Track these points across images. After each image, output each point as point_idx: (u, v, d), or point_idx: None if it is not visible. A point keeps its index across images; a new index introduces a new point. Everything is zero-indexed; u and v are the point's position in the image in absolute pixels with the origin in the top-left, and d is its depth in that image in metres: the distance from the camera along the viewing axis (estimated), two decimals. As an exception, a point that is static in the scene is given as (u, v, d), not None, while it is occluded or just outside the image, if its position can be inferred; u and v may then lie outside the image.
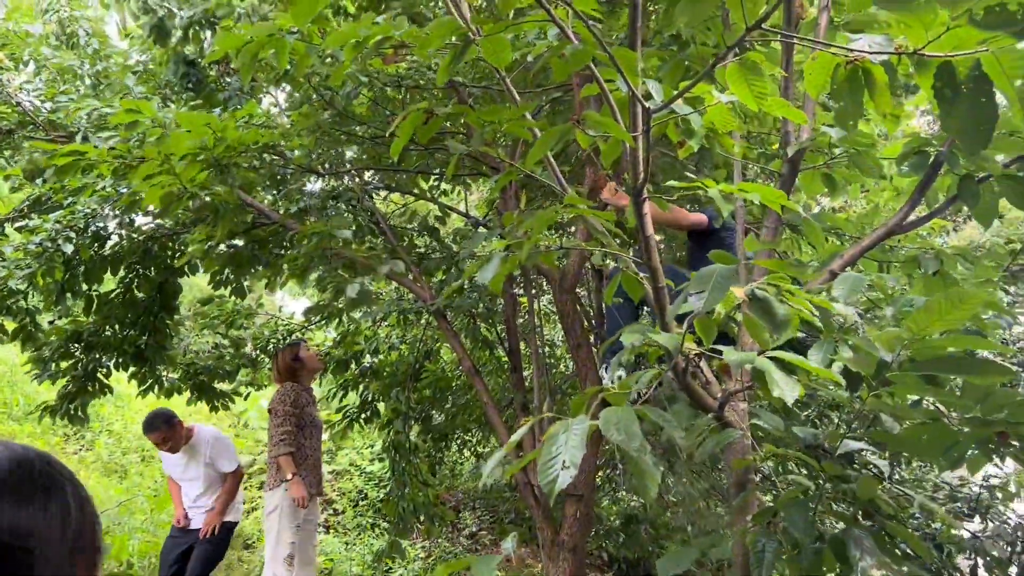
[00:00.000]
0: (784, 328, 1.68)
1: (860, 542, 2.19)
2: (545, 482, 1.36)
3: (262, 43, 2.93)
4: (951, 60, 1.29)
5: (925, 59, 1.31)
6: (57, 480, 0.78)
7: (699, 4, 1.56)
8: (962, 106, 1.33)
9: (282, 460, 4.47)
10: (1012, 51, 1.24)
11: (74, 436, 9.61)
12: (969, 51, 1.26)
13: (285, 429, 4.48)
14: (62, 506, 0.76)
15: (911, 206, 2.67)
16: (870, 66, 1.41)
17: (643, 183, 2.13)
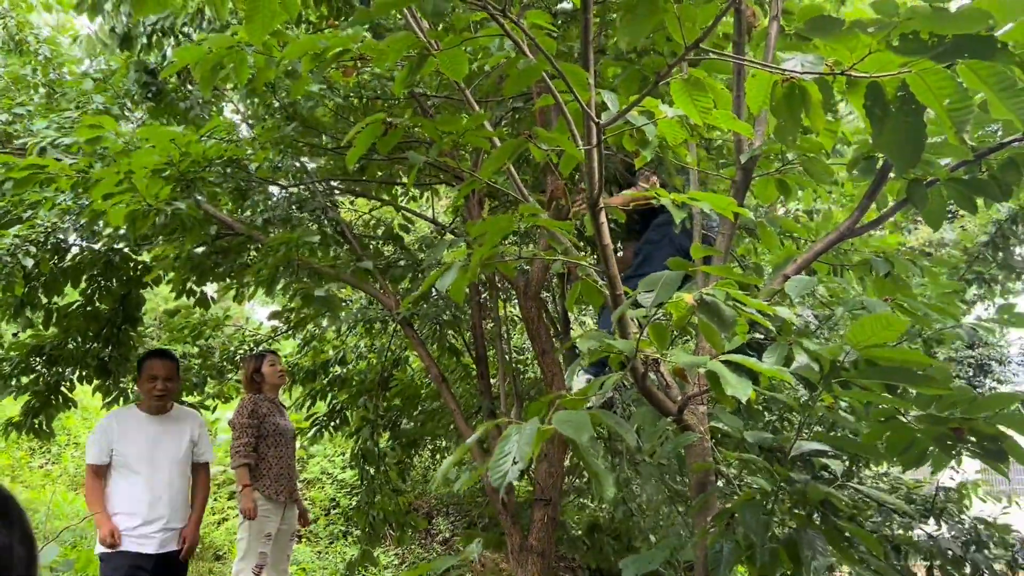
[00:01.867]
0: (731, 329, 1.73)
1: (812, 542, 2.25)
2: (495, 477, 1.40)
3: (221, 55, 2.93)
4: (878, 81, 1.34)
5: (854, 79, 1.37)
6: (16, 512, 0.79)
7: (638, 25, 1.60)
8: (891, 124, 1.38)
9: (237, 471, 4.47)
10: (937, 72, 1.30)
11: (40, 450, 9.47)
12: (893, 72, 1.31)
13: (243, 441, 4.45)
14: (7, 536, 0.78)
15: (861, 211, 2.75)
16: (805, 84, 1.47)
17: (598, 194, 2.17)
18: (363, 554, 5.78)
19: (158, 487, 4.00)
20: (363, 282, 4.13)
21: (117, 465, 3.99)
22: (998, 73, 1.27)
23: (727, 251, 2.77)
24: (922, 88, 1.35)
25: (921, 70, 1.30)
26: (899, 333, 2.06)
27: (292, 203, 3.97)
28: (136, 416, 4.11)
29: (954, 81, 1.33)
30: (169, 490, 4.03)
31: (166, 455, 4.06)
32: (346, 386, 5.97)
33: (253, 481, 4.46)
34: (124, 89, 4.57)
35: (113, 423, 4.06)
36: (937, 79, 1.32)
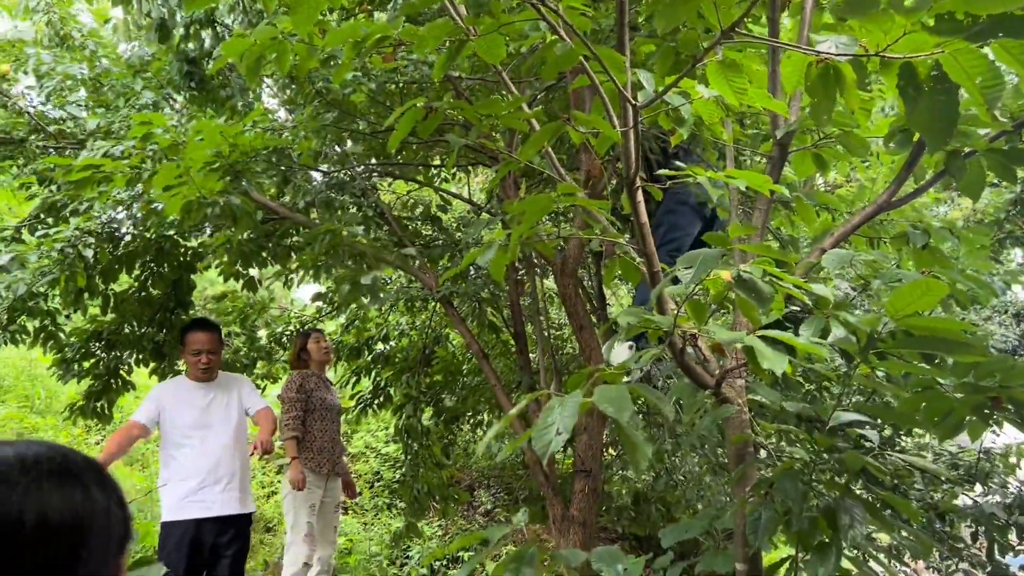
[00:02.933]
0: (768, 305, 1.78)
1: (850, 510, 2.30)
2: (539, 446, 1.48)
3: (264, 47, 3.02)
4: (911, 61, 1.37)
5: (887, 60, 1.40)
6: (96, 475, 0.88)
7: (675, 9, 1.64)
8: (924, 104, 1.41)
9: (285, 444, 4.62)
10: (971, 52, 1.32)
11: (95, 428, 9.81)
12: (927, 53, 1.34)
13: (291, 415, 4.62)
14: (105, 497, 0.87)
15: (898, 183, 2.75)
16: (839, 65, 1.50)
17: (635, 173, 2.22)
18: (408, 526, 5.95)
19: (215, 451, 4.14)
20: (405, 263, 4.23)
21: (171, 435, 4.13)
22: (1031, 51, 1.30)
23: (764, 226, 2.80)
24: (955, 67, 1.37)
25: (954, 50, 1.33)
26: (938, 299, 2.08)
27: (332, 187, 4.06)
28: (186, 386, 4.27)
29: (987, 60, 1.35)
30: (226, 453, 4.17)
31: (219, 421, 4.22)
32: (389, 363, 6.11)
33: (299, 454, 4.61)
34: (167, 78, 4.70)
35: (165, 393, 4.22)
36: (970, 58, 1.35)
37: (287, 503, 4.65)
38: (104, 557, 0.84)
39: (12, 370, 9.61)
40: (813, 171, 2.93)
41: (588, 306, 4.43)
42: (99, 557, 0.83)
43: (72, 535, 0.80)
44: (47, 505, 0.79)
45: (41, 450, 0.84)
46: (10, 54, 5.04)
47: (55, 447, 0.87)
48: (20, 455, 0.82)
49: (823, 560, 2.34)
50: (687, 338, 2.38)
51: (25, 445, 0.85)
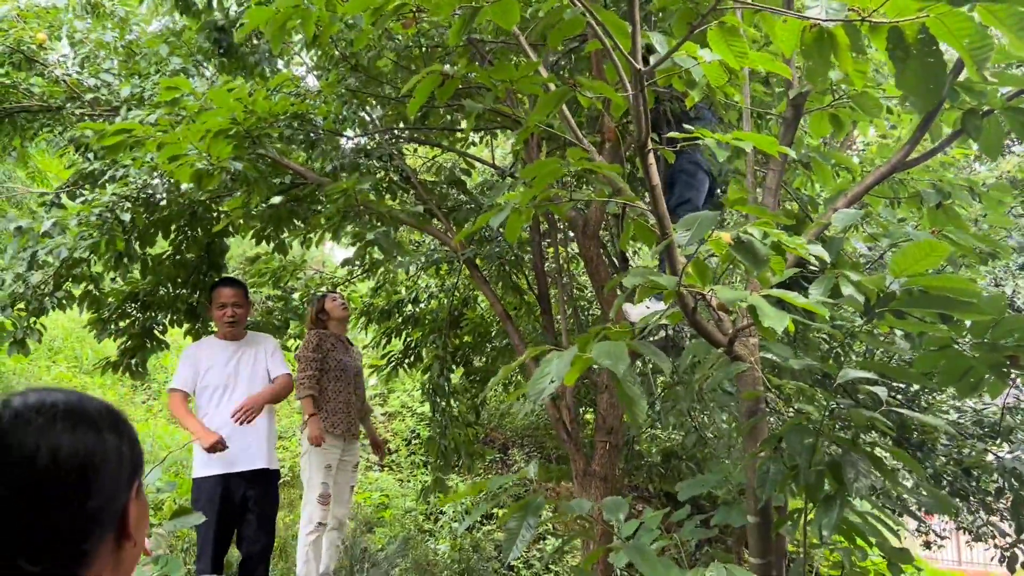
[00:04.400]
0: (765, 267, 1.84)
1: (855, 464, 2.37)
2: (533, 393, 1.58)
3: (288, 14, 3.10)
4: (899, 25, 1.40)
5: (876, 24, 1.42)
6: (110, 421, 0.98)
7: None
8: (912, 66, 1.44)
9: (302, 402, 4.70)
10: (956, 14, 1.35)
11: (141, 387, 10.19)
12: (912, 17, 1.36)
13: (307, 374, 4.68)
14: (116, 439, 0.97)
15: (913, 143, 2.75)
16: (833, 28, 1.53)
17: (646, 136, 2.27)
18: (435, 481, 6.13)
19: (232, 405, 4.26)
20: (427, 224, 4.30)
21: (202, 391, 4.28)
22: (1015, 13, 1.32)
23: (777, 186, 2.83)
24: (942, 30, 1.40)
25: (939, 13, 1.35)
26: (941, 259, 2.11)
27: (359, 152, 4.15)
28: (216, 344, 4.42)
29: (972, 22, 1.37)
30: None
31: (246, 378, 4.35)
32: (419, 325, 6.24)
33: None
34: (196, 46, 4.80)
35: (198, 351, 4.38)
36: (956, 21, 1.37)
37: (304, 462, 4.76)
38: (114, 491, 0.94)
39: (61, 331, 9.99)
40: (828, 131, 2.94)
41: (611, 267, 4.48)
42: (109, 492, 0.93)
43: (81, 471, 0.90)
44: (59, 443, 0.89)
45: (60, 396, 0.95)
46: (44, 20, 5.17)
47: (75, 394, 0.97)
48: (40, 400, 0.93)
49: (827, 512, 2.41)
50: (697, 298, 2.44)
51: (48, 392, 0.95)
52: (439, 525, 8.59)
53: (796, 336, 3.74)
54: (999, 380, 2.64)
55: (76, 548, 0.90)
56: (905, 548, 2.55)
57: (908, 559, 2.48)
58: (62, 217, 3.76)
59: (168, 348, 5.35)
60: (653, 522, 2.59)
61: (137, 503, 0.99)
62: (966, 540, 5.77)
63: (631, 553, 2.10)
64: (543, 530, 8.79)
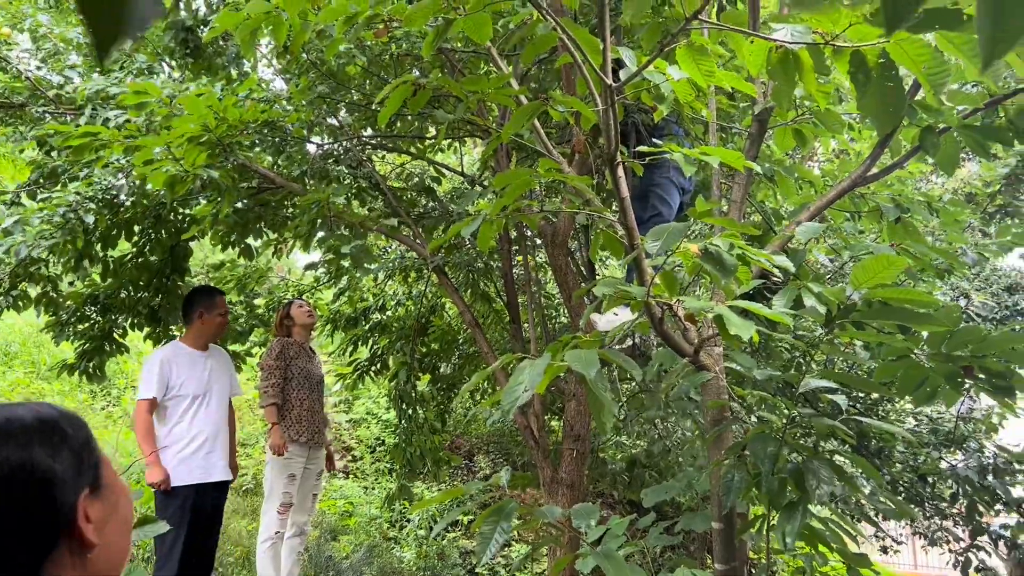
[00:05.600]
0: (732, 276, 1.88)
1: (816, 471, 2.43)
2: (507, 402, 1.60)
3: (260, 21, 3.09)
4: (860, 49, 1.46)
5: (838, 48, 1.48)
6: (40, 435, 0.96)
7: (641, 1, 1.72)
8: (873, 89, 1.50)
9: (265, 410, 4.68)
10: (915, 41, 1.40)
11: (101, 393, 9.99)
12: (872, 42, 1.42)
13: (271, 382, 4.66)
14: (48, 453, 0.96)
15: (873, 158, 2.83)
16: (798, 51, 1.58)
17: (615, 150, 2.31)
18: (400, 488, 6.11)
19: (217, 418, 4.30)
20: (397, 233, 4.31)
21: (176, 399, 4.20)
22: (971, 41, 1.38)
23: (742, 199, 2.89)
24: (901, 55, 1.46)
25: (899, 39, 1.41)
26: (898, 273, 2.19)
27: (327, 158, 4.14)
28: (187, 352, 4.34)
29: (931, 48, 1.43)
30: (223, 420, 4.36)
31: (218, 389, 4.36)
32: (386, 332, 6.22)
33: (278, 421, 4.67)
34: (163, 45, 4.74)
35: (171, 359, 4.25)
36: (915, 47, 1.43)
37: (267, 471, 4.73)
38: (50, 504, 0.94)
39: (18, 336, 9.77)
40: (792, 145, 3.01)
41: (579, 276, 4.52)
42: (44, 505, 0.93)
43: (5, 488, 0.90)
44: None
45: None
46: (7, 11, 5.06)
47: (3, 409, 0.97)
48: None
49: (790, 518, 2.47)
50: (664, 308, 2.48)
51: None
52: (404, 532, 8.55)
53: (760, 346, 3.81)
54: (954, 390, 2.71)
55: (14, 563, 0.90)
56: (863, 553, 2.61)
57: (866, 564, 2.55)
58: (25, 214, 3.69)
59: (128, 352, 5.27)
60: (619, 528, 2.63)
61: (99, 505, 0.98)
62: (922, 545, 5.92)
63: (599, 558, 2.14)
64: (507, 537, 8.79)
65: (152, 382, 4.17)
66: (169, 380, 4.21)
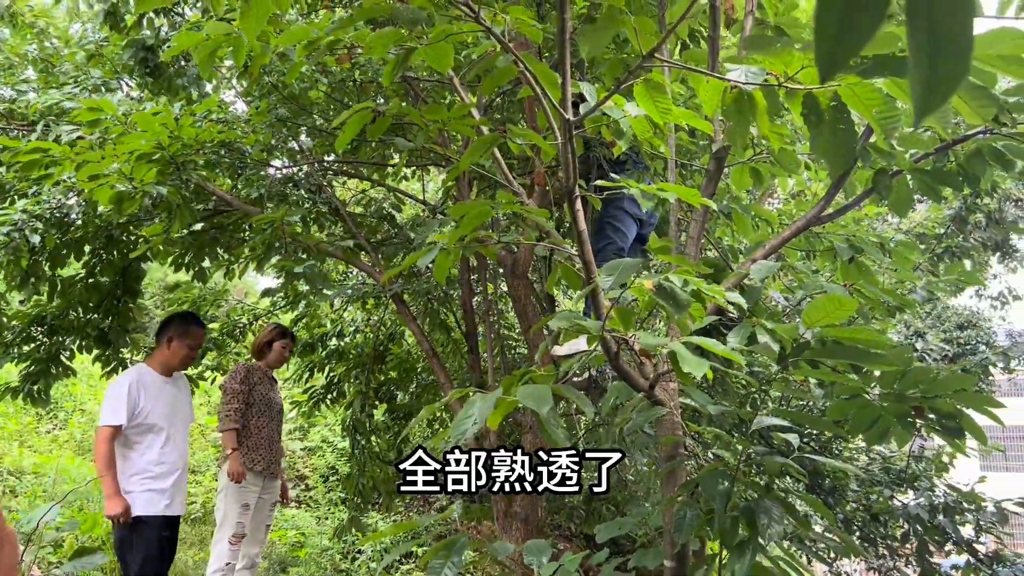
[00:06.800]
0: (685, 312, 1.88)
1: (768, 510, 2.42)
2: (455, 435, 1.57)
3: (219, 42, 3.05)
4: (813, 92, 1.48)
5: (792, 91, 1.50)
6: None
7: (598, 35, 1.73)
8: (826, 131, 1.52)
9: (224, 435, 4.51)
10: (866, 85, 1.43)
11: (47, 416, 9.68)
12: (824, 85, 1.44)
13: (233, 407, 4.51)
14: None
15: (828, 199, 2.88)
16: (753, 92, 1.60)
17: (573, 183, 2.31)
18: (351, 520, 5.97)
19: (183, 449, 4.14)
20: (355, 258, 4.26)
21: (140, 427, 3.99)
22: (919, 87, 1.40)
23: (699, 236, 2.91)
24: (853, 99, 1.48)
25: (850, 84, 1.43)
26: (849, 314, 2.21)
27: (287, 182, 4.09)
28: (153, 376, 4.14)
29: (881, 93, 1.45)
30: (187, 452, 4.20)
31: (182, 416, 4.21)
32: (343, 359, 6.13)
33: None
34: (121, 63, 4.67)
35: (139, 384, 4.03)
36: (865, 91, 1.45)
37: (220, 499, 4.56)
38: None
39: (-41, 356, 9.42)
40: (750, 184, 3.05)
41: (540, 308, 4.51)
42: None
43: None
44: None
45: None
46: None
47: None
48: None
49: (740, 557, 2.45)
50: (620, 343, 2.47)
51: None
52: (356, 565, 8.36)
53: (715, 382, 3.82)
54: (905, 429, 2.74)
55: None
56: (814, 593, 2.60)
57: (817, 604, 2.53)
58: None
59: (75, 375, 5.11)
60: (572, 564, 2.58)
61: None
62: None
63: (549, 597, 2.09)
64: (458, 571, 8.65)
65: (120, 408, 3.95)
66: (136, 407, 3.99)
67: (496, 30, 2.11)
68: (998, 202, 6.04)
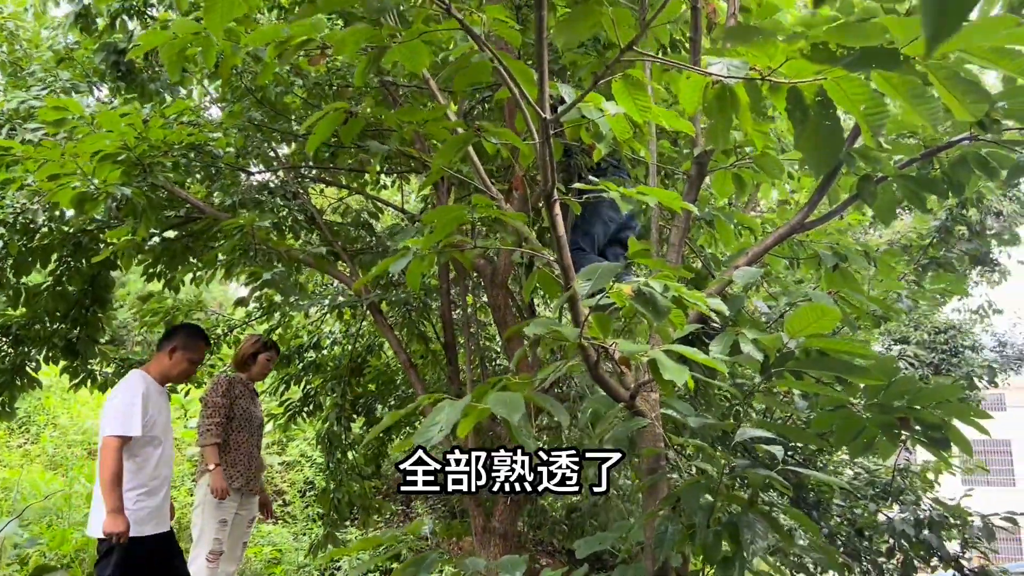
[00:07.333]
0: (665, 318, 1.81)
1: (752, 525, 2.34)
2: (420, 440, 1.48)
3: (187, 41, 2.96)
4: (798, 86, 1.41)
5: (776, 84, 1.43)
6: None
7: (574, 26, 1.66)
8: (810, 127, 1.45)
9: (206, 450, 4.38)
10: (852, 79, 1.36)
11: (19, 429, 9.49)
12: (809, 79, 1.38)
13: (214, 420, 4.38)
14: None
15: (811, 206, 2.82)
16: (735, 87, 1.53)
17: (552, 186, 2.23)
18: (326, 536, 5.82)
19: (171, 460, 3.98)
20: (330, 267, 4.16)
21: (145, 438, 3.76)
22: (909, 82, 1.34)
23: (680, 242, 2.84)
24: (839, 94, 1.41)
25: (836, 77, 1.37)
26: (834, 324, 2.15)
27: (262, 189, 3.99)
28: (158, 388, 3.93)
29: (869, 88, 1.39)
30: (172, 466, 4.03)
31: (170, 427, 4.04)
32: (320, 371, 6.02)
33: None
34: (92, 67, 4.55)
35: (148, 393, 3.79)
36: (853, 86, 1.39)
37: (196, 515, 4.42)
38: None
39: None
40: (732, 191, 2.99)
41: (519, 317, 4.43)
42: None
43: None
44: None
45: None
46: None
47: None
48: None
49: (726, 574, 2.37)
50: (600, 351, 2.39)
51: None
52: (334, 582, 8.21)
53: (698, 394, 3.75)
54: (890, 441, 2.68)
55: None
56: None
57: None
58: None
59: (40, 387, 4.96)
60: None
61: None
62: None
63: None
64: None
65: (135, 416, 3.68)
66: (147, 417, 3.74)
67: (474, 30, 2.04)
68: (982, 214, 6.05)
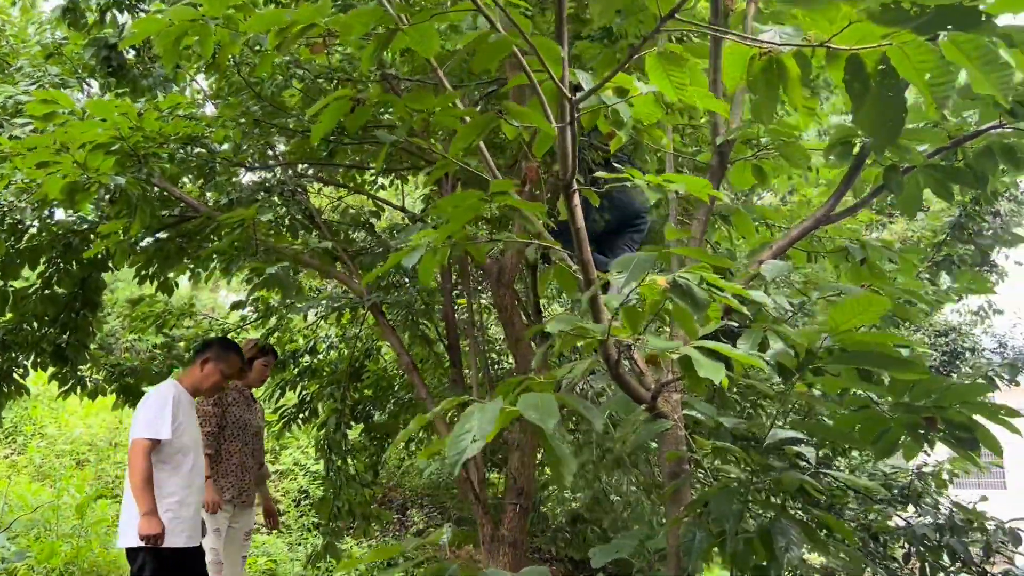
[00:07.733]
0: (704, 312, 1.68)
1: (786, 532, 2.22)
2: (452, 453, 1.35)
3: (184, 28, 2.82)
4: (859, 54, 1.29)
5: (834, 52, 1.32)
6: None
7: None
8: (871, 100, 1.34)
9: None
10: (919, 45, 1.25)
11: (5, 440, 9.31)
12: (873, 45, 1.26)
13: (205, 431, 4.24)
14: None
15: (837, 197, 2.71)
16: (783, 58, 1.41)
17: (572, 174, 2.11)
18: (326, 546, 5.66)
19: (202, 471, 3.87)
20: (330, 267, 4.03)
21: (175, 445, 3.67)
22: (981, 47, 1.23)
23: (702, 236, 2.73)
24: (903, 61, 1.30)
25: (902, 43, 1.25)
26: (879, 315, 2.03)
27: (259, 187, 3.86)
28: (186, 394, 3.84)
29: (936, 54, 1.28)
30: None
31: (200, 439, 3.94)
32: (316, 376, 5.88)
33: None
34: (82, 62, 4.41)
35: (180, 400, 3.74)
36: (919, 52, 1.27)
37: None
38: None
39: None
40: (752, 182, 2.87)
41: (525, 318, 4.30)
42: None
43: None
44: None
45: None
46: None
47: None
48: None
49: (761, 584, 2.25)
50: (622, 349, 2.27)
51: None
52: (331, 593, 8.04)
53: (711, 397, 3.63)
54: (915, 441, 2.57)
55: None
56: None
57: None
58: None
59: (28, 394, 4.79)
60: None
61: None
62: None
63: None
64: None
65: (165, 421, 3.61)
66: (176, 422, 3.67)
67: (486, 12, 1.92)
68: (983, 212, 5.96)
